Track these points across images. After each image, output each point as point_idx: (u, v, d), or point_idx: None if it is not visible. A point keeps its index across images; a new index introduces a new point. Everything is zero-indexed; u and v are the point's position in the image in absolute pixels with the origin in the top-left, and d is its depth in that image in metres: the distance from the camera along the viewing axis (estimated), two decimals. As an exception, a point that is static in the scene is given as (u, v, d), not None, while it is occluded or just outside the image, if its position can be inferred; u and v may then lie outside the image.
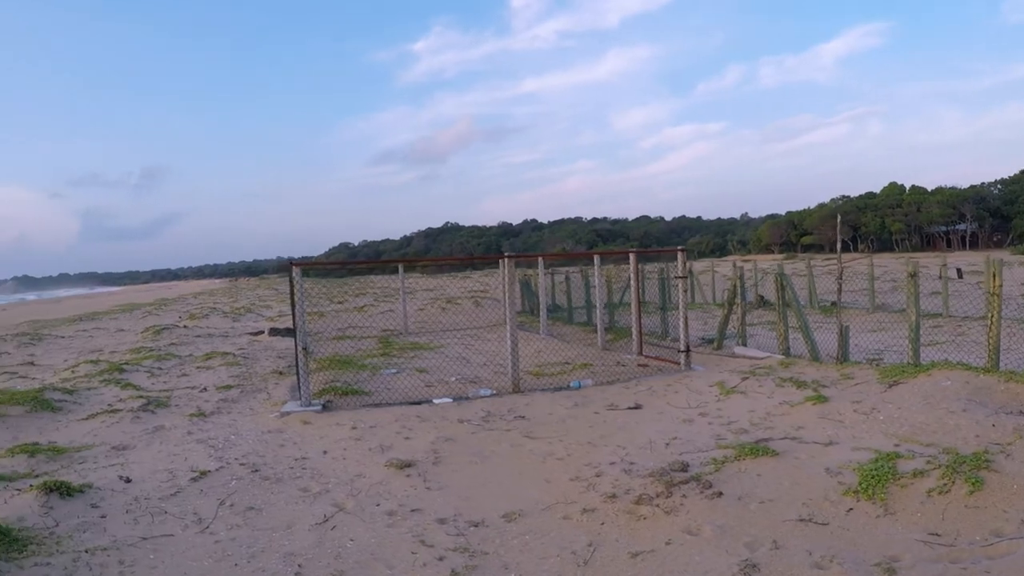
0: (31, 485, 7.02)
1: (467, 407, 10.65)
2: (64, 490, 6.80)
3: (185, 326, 28.07)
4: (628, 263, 15.84)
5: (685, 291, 13.32)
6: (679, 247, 13.87)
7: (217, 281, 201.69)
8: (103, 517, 6.47)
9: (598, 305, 17.50)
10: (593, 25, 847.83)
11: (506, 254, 12.77)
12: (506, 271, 12.54)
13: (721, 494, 6.23)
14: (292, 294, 11.08)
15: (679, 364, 12.88)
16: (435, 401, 11.09)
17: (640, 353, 14.86)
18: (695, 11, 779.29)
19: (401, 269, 27.39)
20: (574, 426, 9.32)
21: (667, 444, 8.11)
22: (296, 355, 11.34)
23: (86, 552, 5.64)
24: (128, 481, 7.55)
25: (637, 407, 10.16)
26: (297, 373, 11.31)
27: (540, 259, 21.50)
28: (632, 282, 15.39)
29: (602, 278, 17.85)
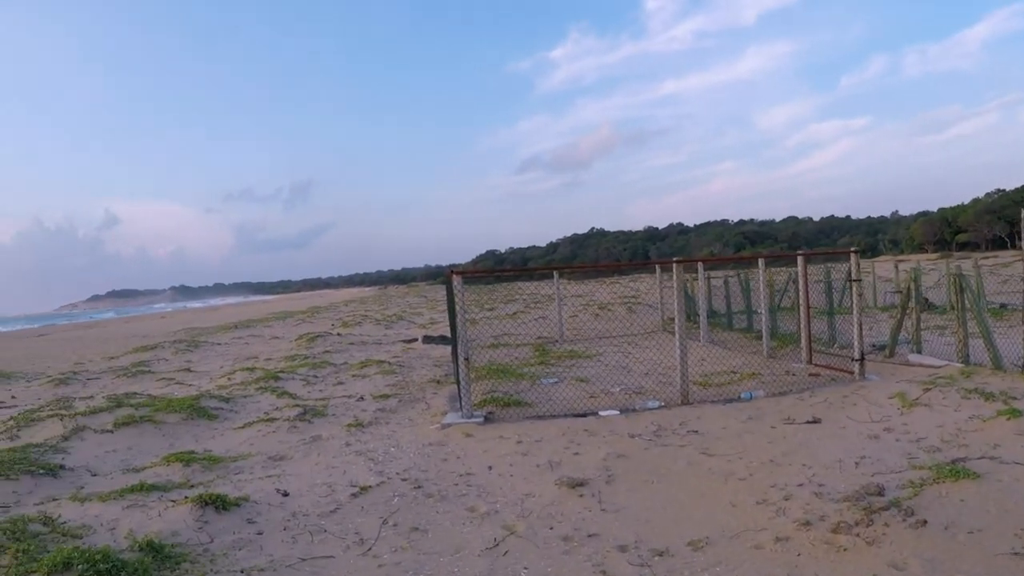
0: (186, 497, 6.96)
1: (636, 420, 10.12)
2: (220, 504, 6.68)
3: (338, 333, 28.66)
4: (784, 266, 14.89)
5: (860, 295, 12.52)
6: (852, 248, 13.14)
7: (367, 289, 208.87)
8: (259, 534, 6.29)
9: (763, 310, 16.63)
10: (730, 23, 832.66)
11: (674, 259, 12.16)
12: (676, 277, 11.92)
13: (925, 523, 5.58)
14: (451, 303, 10.80)
15: (853, 373, 12.23)
16: (601, 413, 10.62)
17: (810, 361, 14.13)
18: (833, 1, 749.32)
19: (556, 276, 27.15)
20: (752, 442, 8.66)
21: (856, 464, 7.42)
22: (456, 365, 11.07)
23: (241, 573, 5.45)
24: (286, 495, 7.37)
25: (816, 421, 9.45)
26: (458, 383, 11.02)
27: (700, 264, 20.78)
28: (801, 286, 14.57)
29: (765, 282, 17.00)
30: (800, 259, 14.79)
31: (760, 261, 17.25)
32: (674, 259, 12.34)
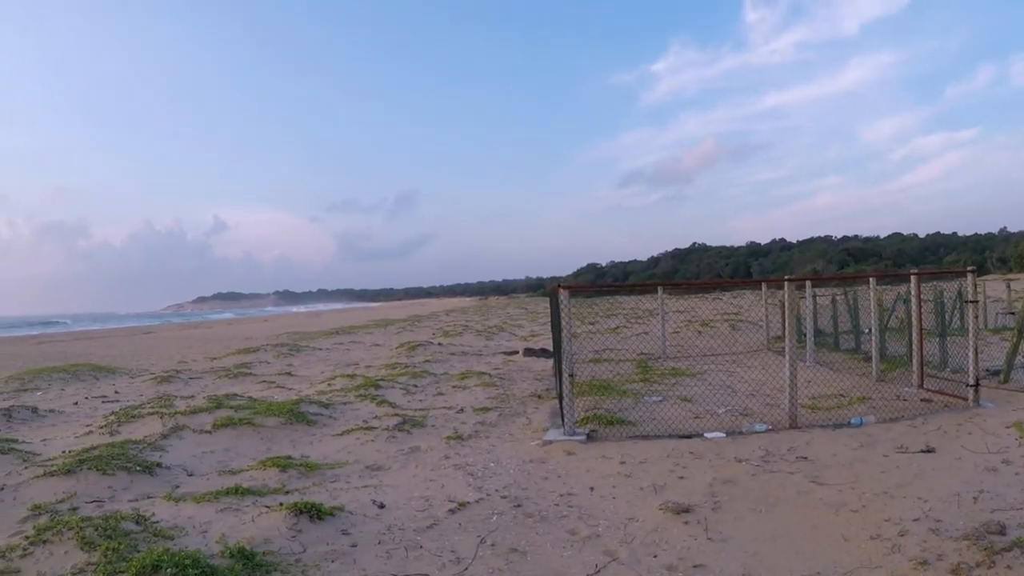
0: (280, 503, 6.90)
1: (742, 443, 9.74)
2: (315, 512, 6.60)
3: (439, 343, 28.78)
4: (891, 285, 14.17)
5: (976, 316, 12.05)
6: (968, 267, 12.61)
7: (467, 299, 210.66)
8: (353, 546, 6.17)
9: (873, 331, 16.00)
10: (831, 34, 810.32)
11: (785, 277, 11.73)
12: (787, 296, 11.50)
13: (1051, 567, 5.14)
14: (555, 316, 10.59)
15: (967, 400, 11.75)
16: (706, 435, 10.28)
17: (921, 386, 13.48)
18: (937, 9, 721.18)
19: (660, 292, 26.74)
20: (864, 471, 8.24)
21: (974, 498, 6.95)
22: (558, 380, 10.85)
23: (334, 587, 5.28)
24: (382, 507, 7.25)
25: (930, 450, 9.01)
26: (560, 399, 10.80)
27: (808, 282, 20.18)
28: (914, 306, 13.97)
29: (876, 301, 16.36)
30: (913, 278, 14.21)
31: (871, 280, 16.68)
32: (785, 277, 11.91)
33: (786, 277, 11.73)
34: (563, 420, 10.69)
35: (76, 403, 16.48)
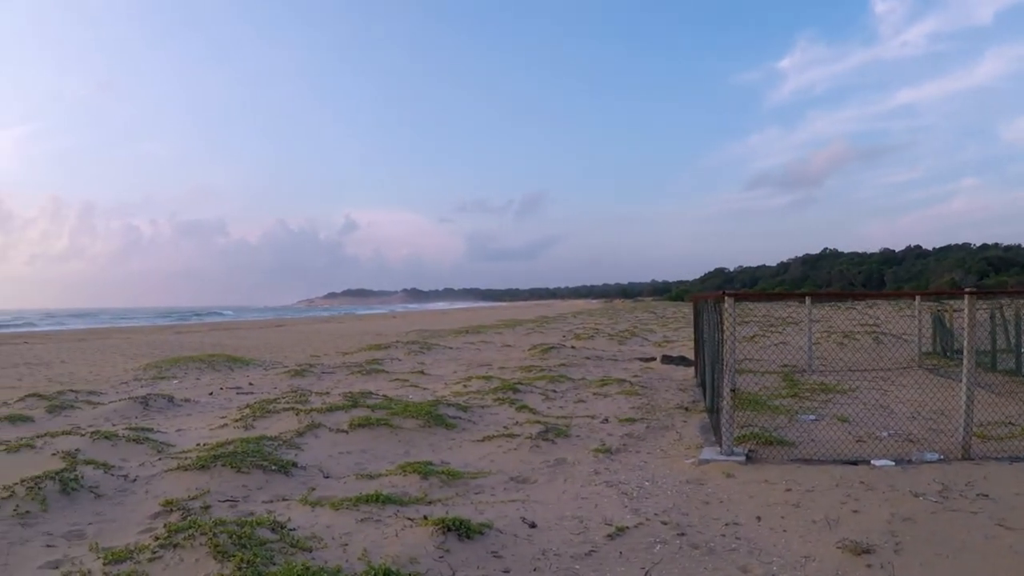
0: (425, 517, 6.41)
1: (914, 475, 8.82)
2: (463, 530, 6.09)
3: (572, 347, 28.28)
4: None
5: None
6: None
7: (593, 301, 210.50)
8: (506, 572, 5.64)
9: None
10: (965, 23, 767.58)
11: (966, 289, 10.66)
12: (967, 309, 10.45)
13: None
14: (697, 324, 9.85)
15: None
16: (874, 463, 9.41)
17: None
18: None
19: (808, 302, 25.56)
20: None
21: None
22: (712, 393, 10.10)
23: (490, 622, 4.71)
24: (533, 526, 6.68)
25: None
26: (714, 413, 10.11)
27: (967, 295, 18.74)
28: None
29: None
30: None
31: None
32: (966, 289, 10.82)
33: (967, 289, 10.66)
34: (718, 437, 9.95)
35: (211, 393, 16.62)
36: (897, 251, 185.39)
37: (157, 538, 5.84)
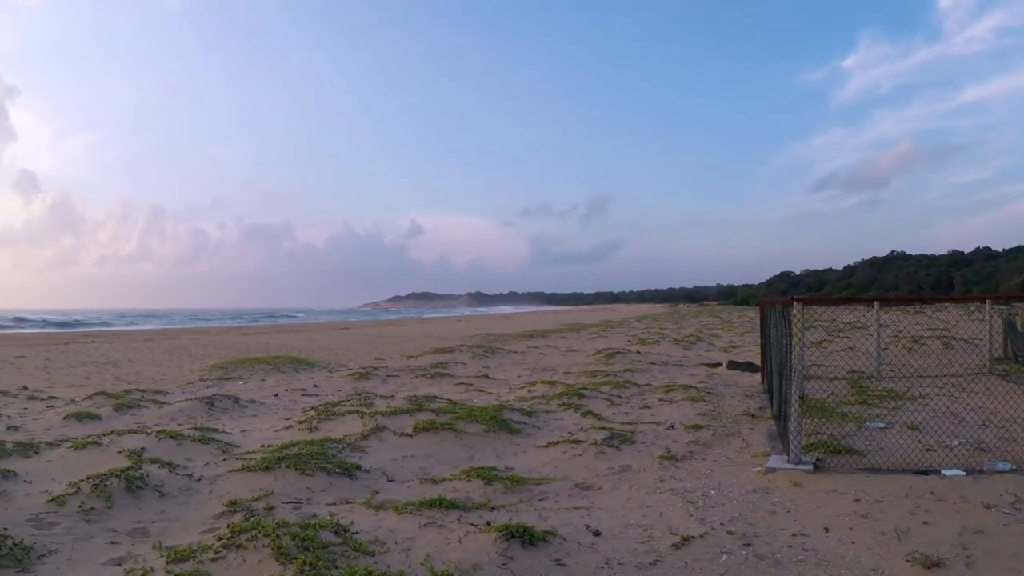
0: (488, 523, 6.39)
1: (986, 485, 8.53)
2: (526, 537, 6.01)
3: (637, 351, 28.06)
4: None
5: None
6: None
7: (658, 306, 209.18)
8: (570, 582, 5.50)
9: None
10: None
11: None
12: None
13: None
14: (764, 328, 9.66)
15: None
16: (944, 472, 9.13)
17: None
18: None
19: (877, 306, 25.11)
20: None
21: None
22: (778, 399, 9.89)
23: (554, 633, 4.64)
24: (597, 535, 6.59)
25: None
26: (785, 422, 9.88)
27: None
28: None
29: None
30: None
31: None
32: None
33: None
34: (785, 445, 9.75)
35: (276, 395, 16.83)
36: (966, 253, 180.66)
37: (220, 538, 5.88)
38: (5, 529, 6.45)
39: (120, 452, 9.19)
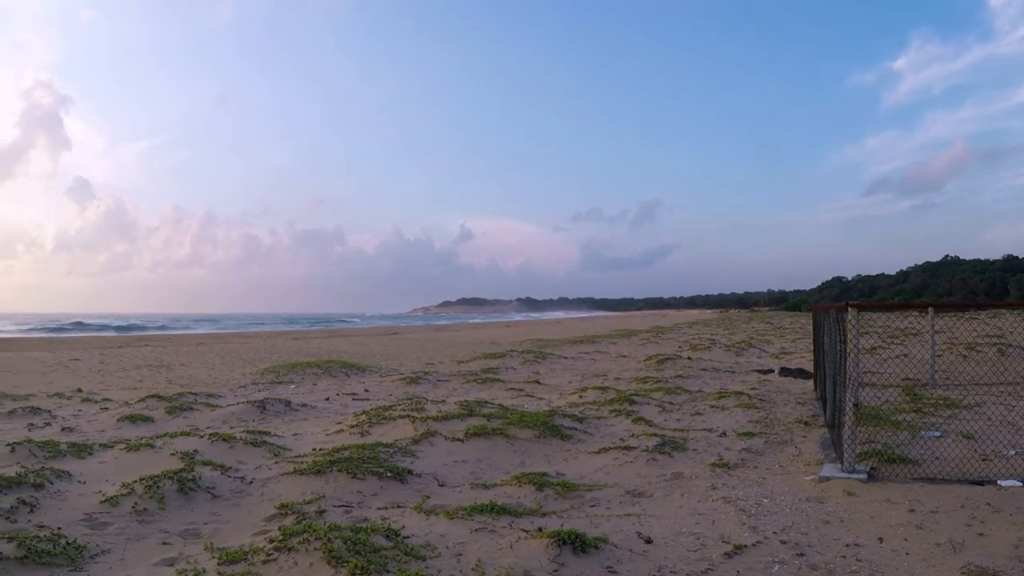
0: (540, 529, 6.36)
1: None
2: (578, 544, 5.98)
3: (688, 357, 27.88)
4: None
5: None
6: None
7: (708, 311, 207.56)
8: (622, 589, 5.48)
9: None
10: None
11: None
12: None
13: None
14: (817, 336, 9.53)
15: None
16: (1001, 483, 8.93)
17: None
18: None
19: (931, 312, 24.65)
20: None
21: None
22: (832, 407, 9.75)
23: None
24: (649, 542, 6.55)
25: None
26: (839, 430, 9.74)
27: None
28: None
29: None
30: None
31: None
32: None
33: None
34: (839, 453, 9.61)
35: (327, 399, 16.97)
36: (1021, 257, 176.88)
37: (271, 540, 5.93)
38: (59, 528, 6.60)
39: (173, 454, 9.35)
